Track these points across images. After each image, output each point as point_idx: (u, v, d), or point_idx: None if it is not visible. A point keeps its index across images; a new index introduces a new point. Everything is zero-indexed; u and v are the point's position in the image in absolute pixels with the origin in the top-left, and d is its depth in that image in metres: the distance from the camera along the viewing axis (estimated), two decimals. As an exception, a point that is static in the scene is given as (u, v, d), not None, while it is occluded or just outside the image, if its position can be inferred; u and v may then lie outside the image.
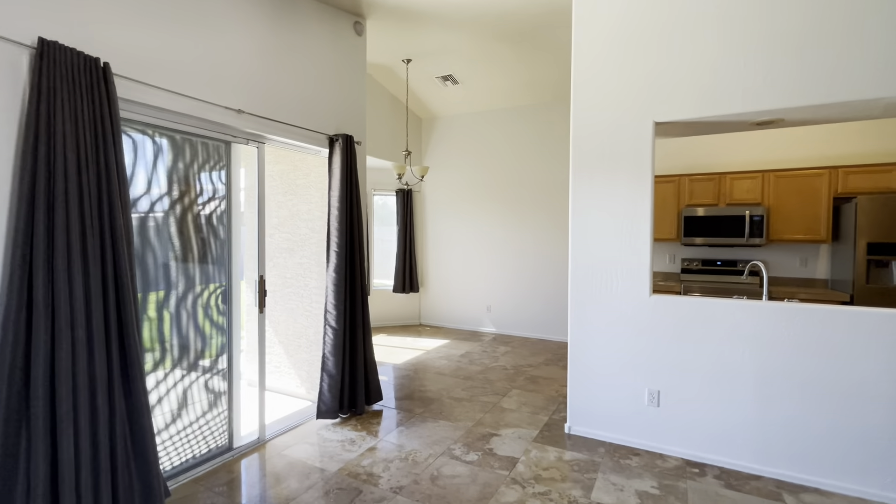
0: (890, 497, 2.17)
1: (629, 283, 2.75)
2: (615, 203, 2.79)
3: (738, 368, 2.49)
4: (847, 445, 2.26)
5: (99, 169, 1.79)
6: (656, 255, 4.99)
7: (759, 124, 2.69)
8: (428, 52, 4.51)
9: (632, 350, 2.76)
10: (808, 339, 2.33)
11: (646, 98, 2.68)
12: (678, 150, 4.84)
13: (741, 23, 2.44)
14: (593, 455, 2.65)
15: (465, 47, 4.31)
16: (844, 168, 3.93)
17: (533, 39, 4.08)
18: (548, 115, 5.59)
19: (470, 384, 3.90)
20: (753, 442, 2.46)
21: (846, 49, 2.23)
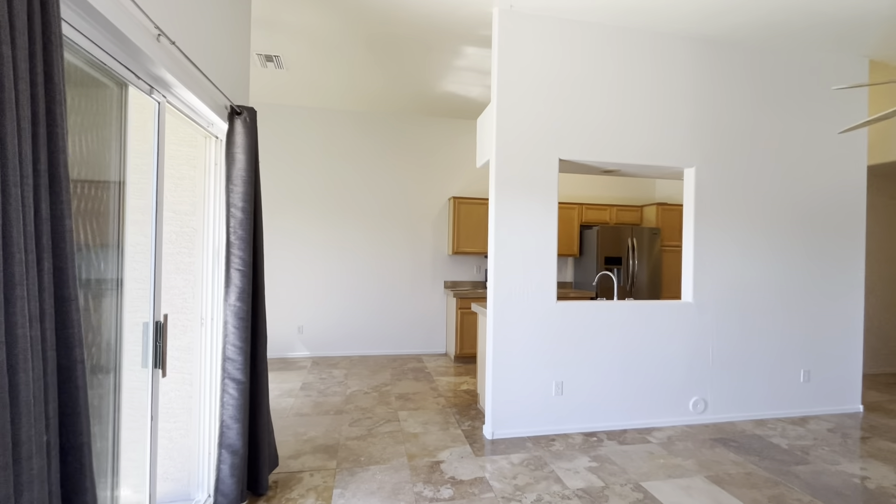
0: (689, 419, 3.41)
1: (540, 293, 3.19)
2: (530, 223, 3.17)
3: (611, 352, 3.31)
4: (665, 394, 3.40)
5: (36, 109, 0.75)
6: (466, 266, 5.73)
7: (606, 171, 3.67)
8: (257, 18, 3.68)
9: (543, 350, 3.19)
10: (644, 323, 3.37)
11: (554, 138, 3.21)
12: (487, 179, 5.76)
13: (614, 101, 3.30)
14: (530, 451, 2.91)
15: (317, 31, 3.76)
16: (586, 205, 5.72)
17: (401, 49, 4.01)
18: (384, 125, 5.52)
19: (350, 419, 3.42)
20: (621, 405, 3.32)
21: (659, 133, 3.39)
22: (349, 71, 4.35)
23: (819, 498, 2.41)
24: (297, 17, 3.38)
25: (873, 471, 2.73)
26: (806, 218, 3.65)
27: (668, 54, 3.38)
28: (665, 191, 6.15)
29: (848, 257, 3.73)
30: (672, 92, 3.40)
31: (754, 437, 3.21)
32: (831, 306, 3.70)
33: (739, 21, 3.16)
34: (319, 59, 4.11)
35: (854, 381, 3.76)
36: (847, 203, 3.73)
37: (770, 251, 3.58)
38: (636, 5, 2.99)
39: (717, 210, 3.48)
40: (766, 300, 3.57)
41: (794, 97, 3.62)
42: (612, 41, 3.29)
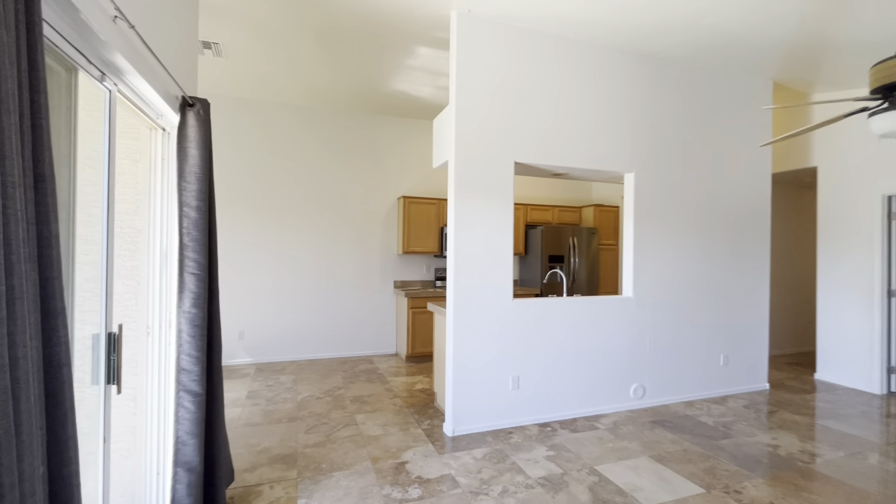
0: (630, 404, 3.70)
1: (498, 292, 3.29)
2: (488, 223, 3.26)
3: (562, 346, 3.49)
4: (610, 383, 3.65)
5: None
6: (416, 266, 5.74)
7: (556, 174, 3.86)
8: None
9: (500, 347, 3.30)
10: (591, 318, 3.60)
11: (510, 141, 3.32)
12: (437, 178, 5.80)
13: (563, 109, 3.48)
14: (491, 445, 3.00)
15: (260, 18, 3.57)
16: (531, 206, 5.97)
17: (352, 44, 3.92)
18: (331, 122, 5.34)
19: (306, 425, 3.31)
20: (571, 395, 3.52)
21: (603, 140, 3.64)
22: (295, 63, 4.18)
23: (742, 467, 2.73)
24: (239, 3, 3.19)
25: (782, 439, 3.15)
26: (726, 220, 4.10)
27: (610, 67, 3.63)
28: (601, 193, 6.58)
29: (757, 254, 4.25)
30: (614, 102, 3.66)
31: (686, 417, 3.56)
32: (744, 298, 4.19)
33: (672, 41, 3.47)
34: (262, 48, 3.90)
35: (762, 363, 4.29)
36: (757, 206, 4.25)
37: (698, 250, 3.98)
38: (583, 18, 3.18)
39: (653, 212, 3.80)
40: (694, 294, 3.96)
41: (716, 111, 4.05)
42: (562, 51, 3.46)
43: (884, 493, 2.46)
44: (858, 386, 4.36)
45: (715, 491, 2.46)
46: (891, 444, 3.10)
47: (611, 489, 2.47)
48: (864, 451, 2.99)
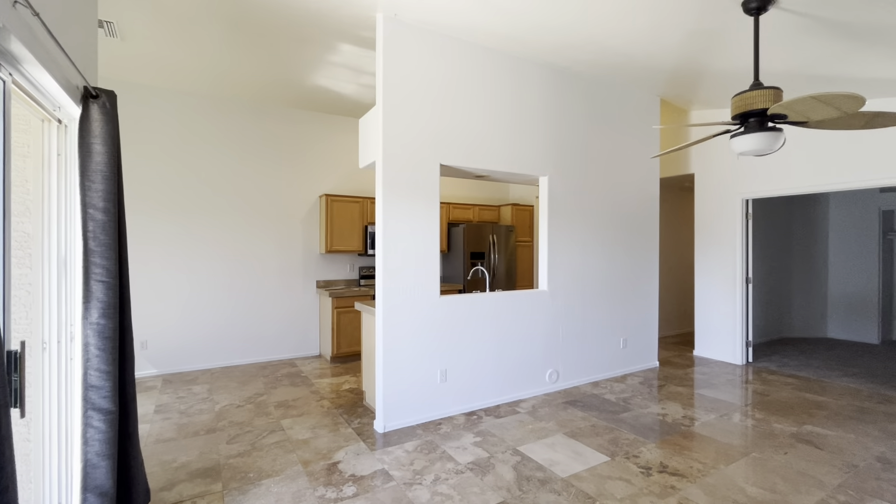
0: (546, 388, 4.04)
1: (426, 289, 3.40)
2: (415, 223, 3.36)
3: (486, 338, 3.71)
4: (528, 369, 3.96)
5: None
6: (340, 265, 5.66)
7: (478, 176, 4.06)
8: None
9: (429, 342, 3.42)
10: (511, 310, 3.87)
11: (436, 144, 3.43)
12: (361, 176, 5.75)
13: (485, 114, 3.68)
14: (421, 437, 3.12)
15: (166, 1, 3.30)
16: (453, 204, 6.17)
17: (269, 36, 3.75)
18: (249, 115, 5.02)
19: (227, 436, 3.15)
20: (495, 384, 3.76)
21: (520, 145, 3.92)
22: (207, 51, 3.89)
23: (639, 435, 3.16)
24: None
25: (669, 409, 3.67)
26: (623, 219, 4.63)
27: (527, 77, 3.91)
28: (518, 193, 6.99)
29: (648, 249, 4.86)
30: (530, 110, 3.95)
31: (593, 395, 3.98)
32: (639, 288, 4.77)
33: (581, 58, 3.83)
34: (166, 32, 3.59)
35: (653, 344, 4.93)
36: (648, 207, 4.85)
37: (601, 246, 4.45)
38: (503, 32, 3.39)
39: (564, 212, 4.18)
40: (599, 286, 4.42)
41: (616, 123, 4.54)
42: (484, 61, 3.66)
43: (743, 444, 3.00)
44: (726, 359, 5.20)
45: (618, 458, 2.82)
46: (748, 405, 3.77)
47: (532, 466, 2.71)
48: (729, 412, 3.61)
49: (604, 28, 3.16)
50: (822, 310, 6.70)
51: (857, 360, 5.28)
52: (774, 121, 2.32)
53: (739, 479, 2.58)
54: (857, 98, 1.81)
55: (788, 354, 5.56)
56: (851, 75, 3.47)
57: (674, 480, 2.55)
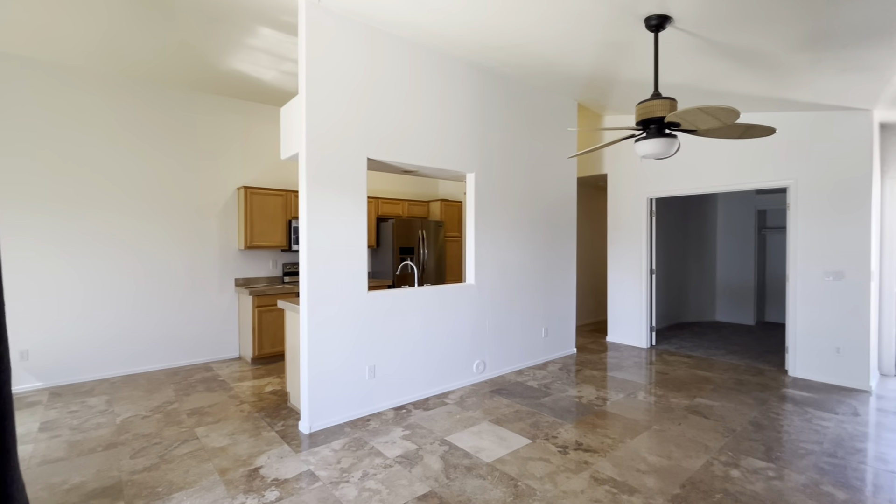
0: (474, 379, 4.17)
1: (353, 285, 3.35)
2: (341, 218, 3.28)
3: (415, 332, 3.74)
4: (456, 361, 4.06)
5: None
6: (261, 261, 5.38)
7: (406, 171, 4.05)
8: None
9: (356, 339, 3.37)
10: (440, 304, 3.94)
11: (363, 138, 3.38)
12: (283, 168, 5.48)
13: (413, 110, 3.68)
14: (349, 435, 3.07)
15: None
16: (382, 199, 6.11)
17: (174, 10, 3.44)
18: (153, 97, 4.55)
19: (131, 450, 2.88)
20: (424, 377, 3.81)
21: (448, 142, 3.99)
22: (100, 21, 3.47)
23: (558, 417, 3.38)
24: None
25: (585, 391, 3.97)
26: (544, 215, 4.89)
27: (456, 75, 3.98)
28: (447, 188, 7.09)
29: (567, 244, 5.19)
30: (459, 108, 4.02)
31: (517, 383, 4.18)
32: (559, 280, 5.08)
33: (506, 59, 3.96)
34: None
35: (571, 332, 5.28)
36: (566, 204, 5.17)
37: (525, 241, 4.67)
38: (431, 29, 3.42)
39: (490, 208, 4.32)
40: (522, 279, 4.64)
41: (538, 123, 4.77)
42: (413, 56, 3.66)
43: (646, 419, 3.34)
44: (634, 343, 5.72)
45: (538, 440, 3.00)
46: (650, 384, 4.19)
47: (459, 454, 2.80)
48: (635, 391, 3.98)
49: (527, 33, 3.30)
50: (712, 296, 7.60)
51: (738, 340, 6.07)
52: (670, 128, 2.59)
53: (642, 449, 2.86)
54: (733, 111, 2.08)
55: (684, 337, 6.25)
56: (733, 91, 3.96)
57: (587, 456, 2.77)
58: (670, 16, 2.66)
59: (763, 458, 2.76)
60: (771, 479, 2.52)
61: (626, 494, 2.36)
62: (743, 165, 4.76)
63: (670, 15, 2.65)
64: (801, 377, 4.37)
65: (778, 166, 4.52)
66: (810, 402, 3.70)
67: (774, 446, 2.91)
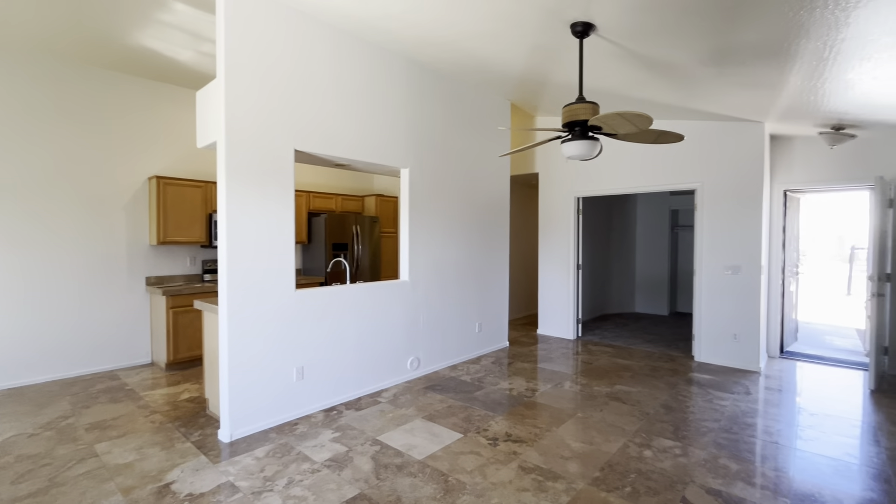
0: (408, 376, 4.14)
1: (279, 283, 3.18)
2: (266, 212, 3.09)
3: (347, 331, 3.64)
4: (390, 359, 4.01)
5: None
6: (177, 258, 4.95)
7: (338, 165, 3.90)
8: None
9: (283, 340, 3.21)
10: (373, 302, 3.87)
11: (291, 128, 3.20)
12: (203, 158, 5.06)
13: (346, 102, 3.55)
14: (275, 441, 2.92)
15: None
16: (314, 193, 5.87)
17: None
18: (49, 74, 3.96)
19: (13, 474, 2.52)
20: (357, 377, 3.72)
21: (382, 136, 3.90)
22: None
23: (490, 410, 3.46)
24: None
25: (516, 383, 4.10)
26: (480, 212, 4.97)
27: (391, 69, 3.89)
28: (382, 184, 6.97)
29: (500, 240, 5.31)
30: (393, 102, 3.95)
31: (451, 378, 4.22)
32: (492, 275, 5.19)
33: (441, 56, 3.95)
34: None
35: (504, 326, 5.43)
36: (500, 201, 5.29)
37: (459, 237, 4.71)
38: (359, 15, 3.31)
39: (425, 205, 4.30)
40: (457, 275, 4.68)
41: (473, 121, 4.82)
42: (345, 46, 3.52)
43: (571, 407, 3.51)
44: (562, 335, 6.00)
45: (470, 433, 3.05)
46: (576, 373, 4.42)
47: (390, 453, 2.76)
48: (562, 381, 4.18)
49: (460, 30, 3.31)
50: (632, 289, 8.19)
51: (654, 329, 6.59)
52: (593, 131, 2.72)
53: (567, 437, 3.01)
54: (646, 117, 2.23)
55: (607, 328, 6.67)
56: (650, 99, 4.26)
57: (516, 447, 2.86)
58: (594, 24, 2.79)
59: (671, 437, 3.01)
60: (677, 456, 2.75)
61: (551, 481, 2.46)
62: (658, 169, 5.15)
63: (594, 23, 2.78)
64: (705, 361, 4.84)
65: (687, 170, 4.95)
66: (712, 384, 4.10)
67: (681, 426, 3.18)
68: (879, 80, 2.82)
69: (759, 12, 2.24)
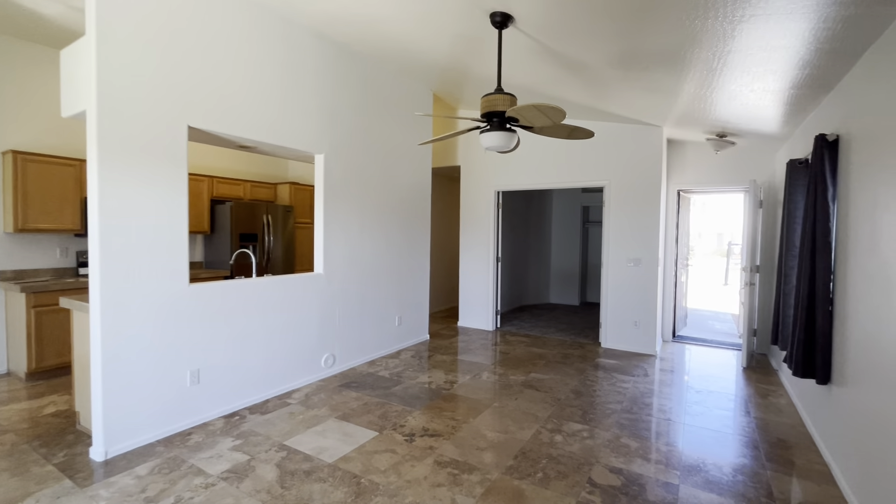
0: (322, 374, 3.91)
1: (168, 277, 2.80)
2: (152, 196, 2.70)
3: (253, 328, 3.33)
4: (303, 357, 3.76)
5: None
6: (43, 248, 4.21)
7: (242, 147, 3.54)
8: None
9: (174, 340, 2.84)
10: (284, 296, 3.59)
11: (182, 101, 2.81)
12: (77, 130, 4.33)
13: (251, 78, 3.21)
14: (162, 455, 2.58)
15: None
16: (217, 178, 5.33)
17: None
18: None
19: None
20: (264, 377, 3.42)
21: (294, 117, 3.61)
22: None
23: (407, 405, 3.38)
24: None
25: (435, 376, 4.06)
26: (400, 203, 4.84)
27: (303, 47, 3.60)
28: (298, 171, 6.55)
29: (421, 232, 5.24)
30: (307, 83, 3.66)
31: (369, 374, 4.08)
32: (413, 268, 5.11)
33: (357, 36, 3.73)
34: None
35: (424, 319, 5.38)
36: (421, 193, 5.21)
37: (379, 228, 4.54)
38: (269, -16, 3.01)
39: (342, 193, 4.08)
40: (376, 267, 4.52)
41: (394, 110, 4.66)
42: (251, 17, 3.18)
43: (488, 397, 3.55)
44: (482, 327, 6.10)
45: (386, 430, 2.94)
46: (494, 364, 4.50)
47: (298, 458, 2.57)
48: (480, 372, 4.23)
49: (376, 10, 3.14)
50: (547, 281, 8.60)
51: (566, 318, 6.97)
52: (511, 123, 2.73)
53: (483, 427, 3.02)
54: (560, 110, 2.27)
55: (524, 318, 6.92)
56: (564, 98, 4.43)
57: (432, 441, 2.81)
58: (512, 15, 2.78)
59: (580, 421, 3.16)
60: (585, 439, 2.89)
61: (466, 473, 2.44)
62: (573, 166, 5.40)
63: (512, 14, 2.78)
64: (610, 347, 5.19)
65: (597, 169, 5.25)
66: (616, 369, 4.40)
67: (588, 410, 3.36)
68: (756, 92, 3.17)
69: (662, 16, 2.37)
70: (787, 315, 3.39)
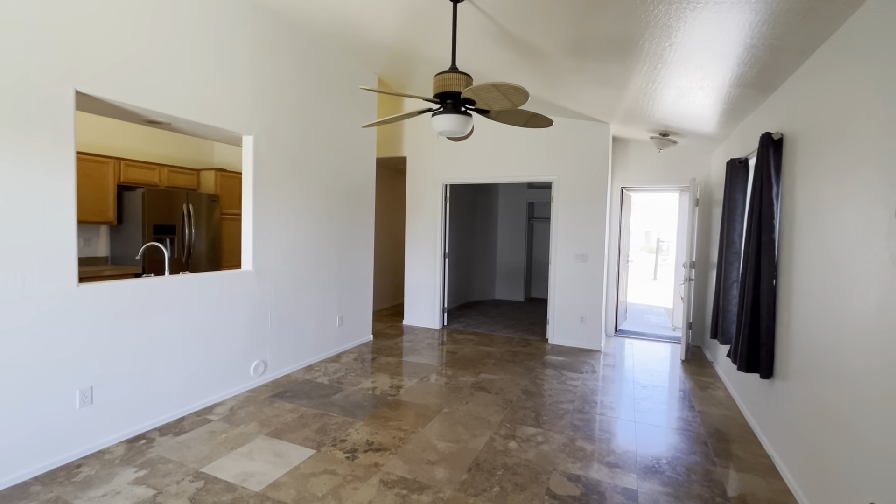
0: (251, 383, 3.47)
1: (50, 276, 2.27)
2: (24, 177, 2.16)
3: (165, 334, 2.84)
4: (228, 365, 3.31)
5: None
6: None
7: (151, 122, 3.00)
8: None
9: (58, 352, 2.32)
10: (204, 297, 3.12)
11: (70, 59, 2.28)
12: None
13: (161, 39, 2.70)
14: (39, 497, 2.07)
15: None
16: (126, 160, 4.63)
17: None
18: None
19: None
20: (179, 391, 2.95)
21: (218, 91, 3.14)
22: None
23: (349, 416, 3.06)
24: None
25: (379, 381, 3.76)
26: (342, 194, 4.46)
27: (232, 12, 3.12)
28: (226, 156, 5.91)
29: (364, 226, 4.89)
30: (236, 53, 3.19)
31: (305, 381, 3.69)
32: (355, 264, 4.75)
33: (295, 4, 3.31)
34: None
35: (367, 318, 5.05)
36: (364, 185, 4.85)
37: (316, 222, 4.14)
38: (184, -72, 2.54)
39: (275, 181, 3.64)
40: (314, 263, 4.12)
41: (336, 92, 4.26)
42: (153, -41, 2.67)
43: (437, 402, 3.32)
44: (428, 325, 5.87)
45: (324, 447, 2.61)
46: (442, 364, 4.28)
47: (218, 489, 2.18)
48: (428, 374, 3.99)
49: (315, -30, 2.77)
50: (493, 277, 8.54)
51: (512, 315, 6.92)
52: (466, 105, 2.50)
53: (433, 437, 2.79)
54: (522, 91, 2.07)
55: (471, 315, 6.79)
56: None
57: (377, 457, 2.53)
58: (468, -12, 2.55)
59: (533, 424, 3.02)
60: (540, 444, 2.74)
61: (417, 493, 2.19)
62: (522, 160, 5.30)
63: (468, -13, 2.54)
64: (557, 344, 5.17)
65: (546, 164, 5.18)
66: (564, 366, 4.36)
67: (541, 411, 3.24)
68: (705, 90, 3.18)
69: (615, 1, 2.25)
70: (729, 311, 3.48)
